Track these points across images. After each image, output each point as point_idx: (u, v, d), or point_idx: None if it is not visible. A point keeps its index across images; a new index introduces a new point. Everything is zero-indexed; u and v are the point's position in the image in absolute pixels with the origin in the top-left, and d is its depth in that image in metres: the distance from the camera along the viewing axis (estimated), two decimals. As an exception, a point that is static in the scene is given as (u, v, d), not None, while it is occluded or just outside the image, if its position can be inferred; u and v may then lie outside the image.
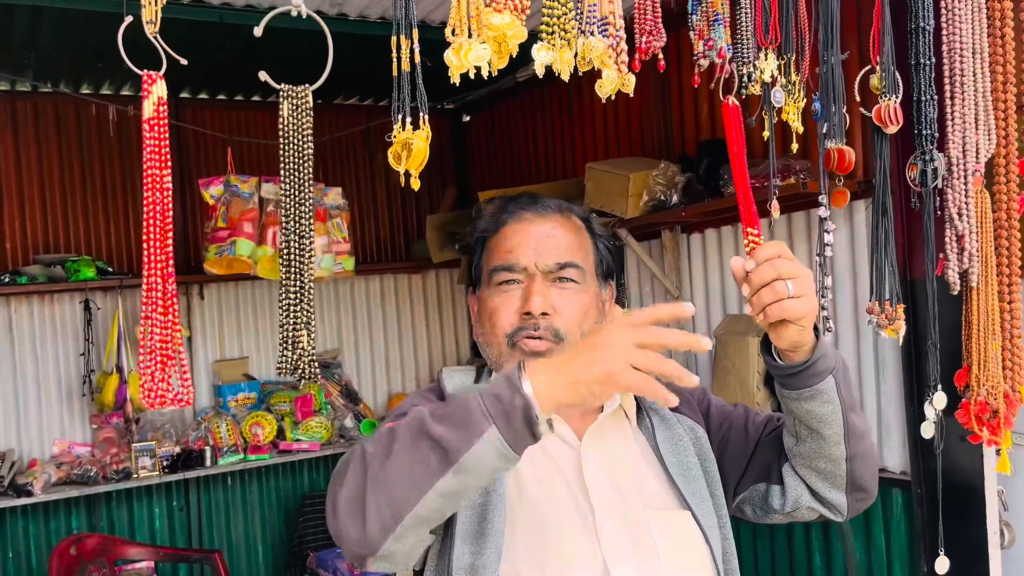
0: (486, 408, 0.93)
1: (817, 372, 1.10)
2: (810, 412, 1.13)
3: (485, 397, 0.94)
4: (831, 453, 1.18)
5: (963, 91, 1.53)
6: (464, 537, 1.11)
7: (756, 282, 1.04)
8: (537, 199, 1.27)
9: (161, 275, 0.94)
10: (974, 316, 1.55)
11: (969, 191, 1.52)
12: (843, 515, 1.26)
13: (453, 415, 0.95)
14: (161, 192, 0.92)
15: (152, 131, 0.92)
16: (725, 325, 3.32)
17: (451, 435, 0.93)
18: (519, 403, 0.92)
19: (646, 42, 1.27)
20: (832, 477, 1.21)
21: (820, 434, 1.16)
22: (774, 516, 1.29)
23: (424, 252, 4.68)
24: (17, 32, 3.41)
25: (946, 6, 1.53)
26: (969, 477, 2.43)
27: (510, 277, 1.22)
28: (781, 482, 1.25)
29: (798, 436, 1.19)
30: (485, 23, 1.09)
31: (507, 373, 0.96)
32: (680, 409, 1.30)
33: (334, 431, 4.53)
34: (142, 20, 1.13)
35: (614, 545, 1.13)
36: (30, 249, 4.22)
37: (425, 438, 0.95)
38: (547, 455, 1.21)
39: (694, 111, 3.62)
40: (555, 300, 1.20)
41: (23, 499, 3.72)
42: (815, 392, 1.11)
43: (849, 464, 1.19)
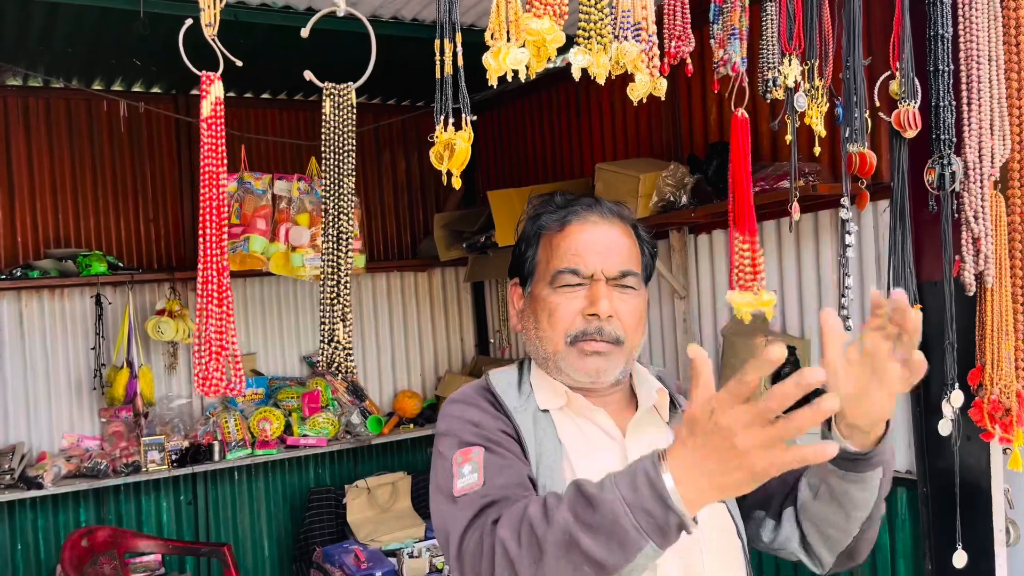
0: (639, 526, 0.90)
1: (874, 464, 1.08)
2: (847, 494, 1.12)
3: (635, 511, 0.90)
4: (847, 528, 1.17)
5: (979, 97, 1.57)
6: None
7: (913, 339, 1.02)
8: (599, 202, 1.29)
9: (216, 269, 0.97)
10: (988, 317, 1.58)
11: (985, 195, 1.56)
12: (823, 570, 1.25)
13: (602, 527, 0.92)
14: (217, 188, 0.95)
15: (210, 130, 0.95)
16: (733, 325, 3.36)
17: (606, 553, 0.91)
18: (674, 521, 0.90)
19: (675, 47, 1.30)
20: (834, 544, 1.20)
21: (846, 513, 1.15)
22: (757, 544, 1.30)
23: (431, 250, 4.71)
24: (34, 28, 3.44)
25: (963, 15, 1.56)
26: (975, 476, 2.47)
27: (576, 280, 1.24)
28: (777, 519, 1.25)
29: (819, 498, 1.17)
30: (524, 28, 1.12)
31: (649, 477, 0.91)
32: None
33: (341, 427, 4.56)
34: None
35: None
36: (41, 244, 4.24)
37: (577, 551, 0.92)
38: (594, 448, 1.24)
39: (703, 113, 3.66)
40: (617, 305, 1.23)
41: (33, 491, 3.75)
42: (861, 479, 1.09)
43: (856, 541, 1.19)
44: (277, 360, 4.76)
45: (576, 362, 1.23)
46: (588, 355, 1.22)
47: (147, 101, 4.35)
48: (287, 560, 4.65)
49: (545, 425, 1.23)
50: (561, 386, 1.27)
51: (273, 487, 4.64)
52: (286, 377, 4.77)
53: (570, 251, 1.25)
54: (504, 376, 1.31)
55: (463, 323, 5.30)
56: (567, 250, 1.25)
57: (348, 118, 1.34)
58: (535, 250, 1.30)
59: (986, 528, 2.42)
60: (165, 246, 4.54)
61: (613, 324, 1.23)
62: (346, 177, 1.34)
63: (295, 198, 3.53)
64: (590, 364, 1.22)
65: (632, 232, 1.31)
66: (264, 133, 4.69)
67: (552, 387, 1.27)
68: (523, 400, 1.26)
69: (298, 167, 4.25)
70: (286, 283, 4.70)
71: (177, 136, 4.55)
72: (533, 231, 1.31)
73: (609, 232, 1.26)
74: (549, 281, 1.26)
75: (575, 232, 1.26)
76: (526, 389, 1.28)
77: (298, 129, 4.86)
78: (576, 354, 1.23)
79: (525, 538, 0.96)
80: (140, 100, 4.33)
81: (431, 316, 5.19)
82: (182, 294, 4.36)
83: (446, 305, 5.25)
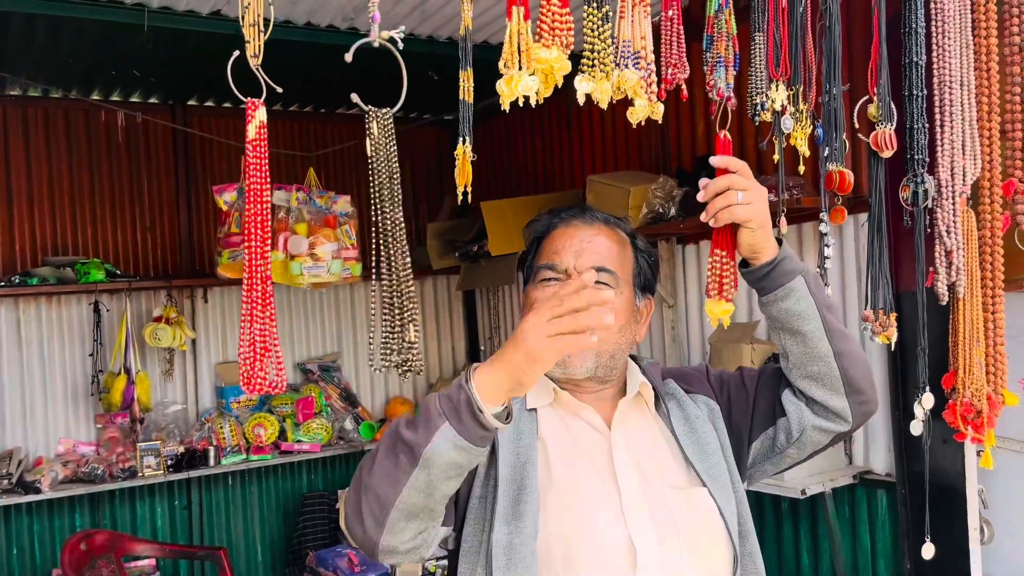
0: (440, 407, 1.08)
1: (785, 272, 1.26)
2: (788, 311, 1.28)
3: (440, 398, 1.10)
4: (819, 351, 1.30)
5: (951, 120, 1.68)
6: (502, 519, 1.23)
7: (711, 190, 1.23)
8: (587, 210, 1.41)
9: (260, 277, 1.06)
10: (960, 325, 1.69)
11: (957, 211, 1.67)
12: (849, 422, 1.35)
13: (418, 418, 1.11)
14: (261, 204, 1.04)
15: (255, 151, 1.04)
16: (719, 333, 3.47)
17: (415, 436, 1.09)
18: (464, 398, 1.07)
19: (671, 74, 1.40)
20: (828, 379, 1.32)
21: (802, 333, 1.29)
22: (788, 455, 1.40)
23: (424, 259, 4.79)
24: (37, 39, 3.50)
25: (937, 43, 1.68)
26: (951, 477, 2.58)
27: (552, 275, 1.35)
28: (784, 413, 1.37)
29: (786, 349, 1.32)
30: (535, 57, 1.22)
31: (461, 374, 1.12)
32: (692, 388, 1.43)
33: (334, 433, 4.63)
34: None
35: (638, 522, 1.25)
36: (39, 251, 4.30)
37: (398, 440, 1.11)
38: (577, 442, 1.33)
39: (691, 127, 3.78)
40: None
41: (31, 496, 3.80)
42: (788, 291, 1.26)
43: (839, 361, 1.31)
44: (271, 367, 4.82)
45: None
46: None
47: (145, 111, 4.42)
48: (281, 564, 4.71)
49: (528, 423, 1.32)
50: (550, 384, 1.36)
51: (267, 492, 4.70)
52: (280, 384, 4.82)
53: (550, 250, 1.37)
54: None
55: (455, 331, 5.38)
56: (549, 249, 1.37)
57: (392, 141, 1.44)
58: (532, 255, 1.42)
59: (961, 527, 2.53)
60: (162, 254, 4.60)
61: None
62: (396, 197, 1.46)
63: (294, 208, 3.61)
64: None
65: (623, 239, 1.40)
66: (260, 143, 4.76)
67: (543, 385, 1.36)
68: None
69: (296, 177, 4.33)
70: (280, 290, 4.77)
71: (174, 146, 4.62)
72: (532, 238, 1.43)
73: (588, 232, 1.37)
74: (534, 279, 1.38)
75: (558, 234, 1.38)
76: None
77: (294, 140, 4.94)
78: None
79: (375, 449, 1.16)
80: (138, 110, 4.40)
81: (423, 324, 5.27)
82: (179, 301, 4.42)
83: (438, 313, 5.33)
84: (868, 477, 3.03)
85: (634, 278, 1.39)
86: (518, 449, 1.29)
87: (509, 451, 1.28)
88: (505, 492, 1.25)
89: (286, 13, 3.36)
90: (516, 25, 1.22)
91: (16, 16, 3.20)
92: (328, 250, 3.59)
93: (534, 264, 1.40)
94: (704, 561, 1.27)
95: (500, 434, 1.29)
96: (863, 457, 3.09)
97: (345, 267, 3.68)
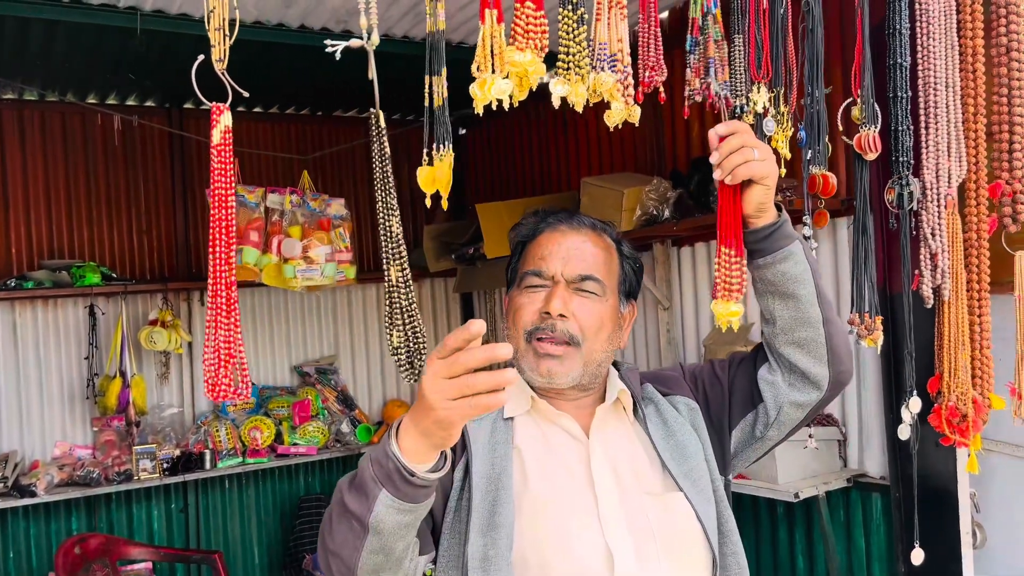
0: (374, 474, 1.07)
1: (785, 235, 1.28)
2: (785, 273, 1.28)
3: (373, 462, 1.07)
4: (809, 316, 1.31)
5: (937, 122, 1.67)
6: (478, 530, 1.22)
7: (727, 148, 1.21)
8: (574, 215, 1.40)
9: (225, 283, 1.06)
10: (946, 328, 1.68)
11: (942, 213, 1.65)
12: (823, 391, 1.35)
13: (358, 484, 1.09)
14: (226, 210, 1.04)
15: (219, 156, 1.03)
16: (714, 335, 3.46)
17: (357, 505, 1.08)
18: (392, 465, 1.05)
19: (649, 76, 1.39)
20: (813, 346, 1.32)
21: (796, 296, 1.29)
22: (769, 438, 1.39)
23: (420, 261, 4.79)
24: (32, 43, 3.51)
25: (922, 44, 1.66)
26: (943, 481, 2.57)
27: (538, 282, 1.33)
28: (760, 395, 1.37)
29: (775, 314, 1.32)
30: (508, 60, 1.21)
31: (385, 437, 1.09)
32: (670, 391, 1.42)
33: (331, 436, 4.63)
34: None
35: (615, 530, 1.24)
36: (35, 255, 4.31)
37: (344, 509, 1.10)
38: (553, 451, 1.32)
39: (685, 129, 3.77)
40: (574, 306, 1.31)
41: (26, 499, 3.80)
42: (788, 253, 1.27)
43: (827, 328, 1.32)
44: (268, 370, 4.82)
45: (532, 362, 1.31)
46: (542, 357, 1.30)
47: (141, 115, 4.43)
48: (277, 567, 4.71)
49: (503, 433, 1.30)
50: (528, 392, 1.34)
51: (264, 495, 4.70)
52: (277, 387, 4.83)
53: (536, 255, 1.35)
54: None
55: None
56: (534, 255, 1.35)
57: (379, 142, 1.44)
58: (516, 259, 1.41)
59: (954, 531, 2.52)
60: (158, 257, 4.61)
61: (567, 324, 1.30)
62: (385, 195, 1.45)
63: (287, 211, 3.62)
64: (543, 366, 1.30)
65: (609, 245, 1.39)
66: (256, 147, 4.77)
67: (522, 393, 1.34)
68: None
69: (290, 180, 4.33)
70: (277, 294, 4.77)
71: (170, 149, 4.63)
72: (516, 242, 1.42)
73: (575, 239, 1.35)
74: (519, 283, 1.36)
75: (545, 239, 1.36)
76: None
77: (289, 143, 4.95)
78: (532, 354, 1.31)
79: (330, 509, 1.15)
80: (134, 113, 4.41)
81: (420, 326, 5.26)
82: (174, 305, 4.42)
83: (435, 315, 5.32)
84: (862, 480, 3.02)
85: (619, 285, 1.39)
86: (493, 459, 1.27)
87: (484, 462, 1.27)
88: (480, 504, 1.23)
89: (279, 16, 3.36)
90: (489, 28, 1.21)
91: (10, 20, 3.21)
92: (322, 253, 3.59)
93: (519, 268, 1.38)
94: (682, 565, 1.26)
95: (475, 444, 1.28)
96: (857, 460, 3.08)
97: (339, 270, 3.68)
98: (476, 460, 1.27)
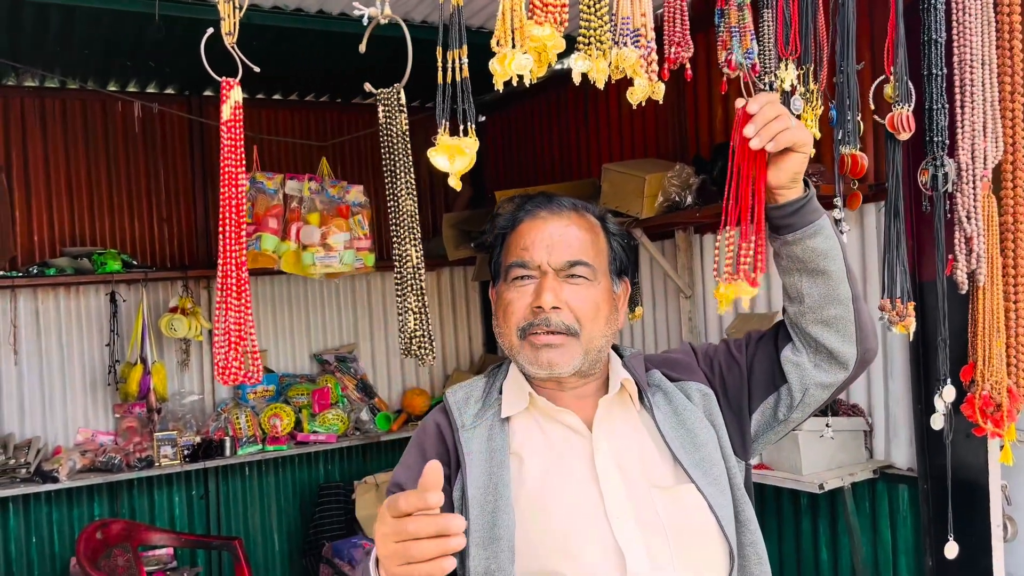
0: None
1: (814, 208, 1.23)
2: (815, 249, 1.23)
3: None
4: (839, 293, 1.25)
5: (972, 100, 1.61)
6: (478, 543, 1.17)
7: (768, 114, 1.16)
8: (552, 198, 1.32)
9: (235, 264, 1.03)
10: (980, 315, 1.62)
11: (977, 195, 1.60)
12: (849, 370, 1.30)
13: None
14: (236, 188, 1.01)
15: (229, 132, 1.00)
16: (737, 324, 3.40)
17: None
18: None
19: (675, 52, 1.35)
20: (843, 324, 1.27)
21: (827, 272, 1.24)
22: (792, 420, 1.34)
23: (440, 249, 4.76)
24: (51, 30, 3.51)
25: (957, 19, 1.60)
26: (974, 473, 2.51)
27: (524, 273, 1.27)
28: (785, 380, 1.31)
29: (803, 292, 1.26)
30: (528, 35, 1.17)
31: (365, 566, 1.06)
32: (680, 376, 1.35)
33: (350, 423, 4.62)
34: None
35: (624, 528, 1.19)
36: (57, 242, 4.32)
37: None
38: (554, 450, 1.26)
39: (708, 114, 3.70)
40: (566, 296, 1.25)
41: (49, 485, 3.82)
42: (818, 228, 1.22)
43: (856, 305, 1.27)
44: (288, 357, 4.82)
45: (530, 355, 1.26)
46: (540, 348, 1.24)
47: (161, 102, 4.43)
48: (297, 554, 4.72)
49: (500, 438, 1.25)
50: (526, 387, 1.29)
51: (283, 482, 4.71)
52: (296, 374, 4.83)
53: (519, 246, 1.28)
54: (464, 391, 1.34)
55: (471, 321, 5.35)
56: (517, 245, 1.29)
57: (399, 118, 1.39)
58: (498, 252, 1.34)
59: (984, 524, 2.46)
60: (178, 245, 4.61)
61: (562, 315, 1.24)
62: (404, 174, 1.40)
63: (306, 198, 3.59)
64: (543, 357, 1.25)
65: (593, 225, 1.32)
66: (275, 133, 4.76)
67: (520, 390, 1.29)
68: (483, 412, 1.29)
69: (309, 167, 4.32)
70: (296, 281, 4.77)
71: (190, 136, 4.62)
72: (495, 234, 1.35)
73: (557, 224, 1.28)
74: (505, 277, 1.30)
75: (525, 228, 1.29)
76: (493, 397, 1.31)
77: (308, 129, 4.93)
78: (529, 348, 1.26)
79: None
80: (154, 101, 4.41)
81: (439, 314, 5.25)
82: (195, 292, 4.43)
83: (454, 304, 5.30)
84: (889, 472, 2.96)
85: (610, 265, 1.32)
86: (490, 468, 1.22)
87: (480, 472, 1.22)
88: (478, 516, 1.19)
89: (297, 1, 3.34)
90: (509, 2, 1.17)
91: (29, 5, 3.21)
92: (340, 240, 3.57)
93: (502, 261, 1.32)
94: (695, 560, 1.20)
95: (469, 456, 1.24)
96: (884, 451, 3.02)
97: (358, 257, 3.65)
98: (471, 471, 1.22)
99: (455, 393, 1.34)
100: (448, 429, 1.29)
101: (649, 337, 4.10)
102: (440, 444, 1.28)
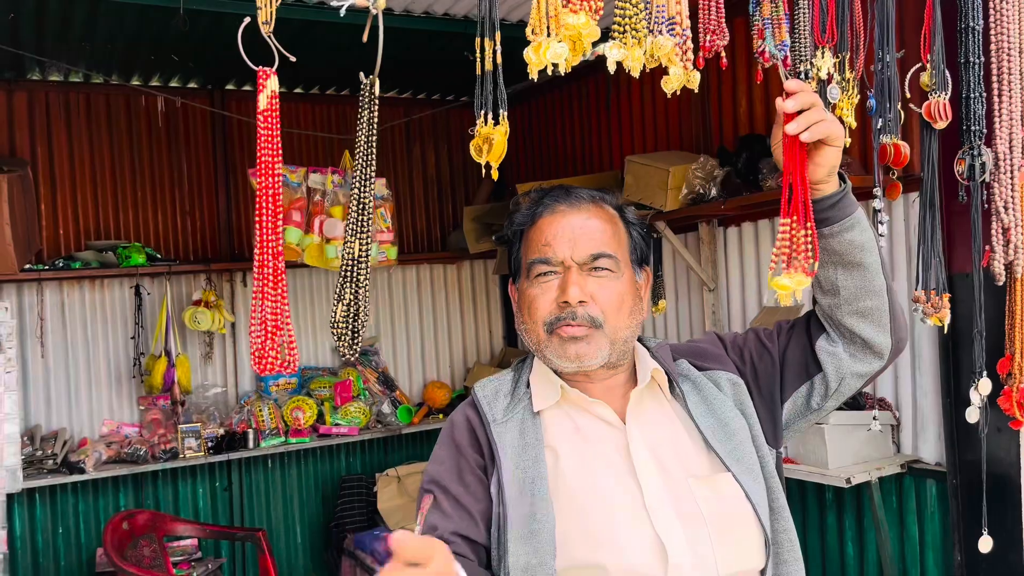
0: None
1: (851, 201, 1.23)
2: (852, 242, 1.22)
3: None
4: (875, 285, 1.25)
5: (1010, 89, 1.58)
6: (517, 539, 1.16)
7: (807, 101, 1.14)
8: (570, 191, 1.31)
9: (272, 254, 1.02)
10: (1017, 306, 1.60)
11: (1015, 185, 1.57)
12: (884, 359, 1.30)
13: None
14: (273, 177, 1.00)
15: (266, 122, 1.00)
16: (762, 317, 3.38)
17: None
18: None
19: (710, 41, 1.33)
20: (878, 315, 1.27)
21: (863, 265, 1.24)
22: (825, 409, 1.34)
23: (461, 242, 4.76)
24: (76, 24, 3.53)
25: (995, 6, 1.57)
26: (1005, 467, 2.47)
27: (547, 269, 1.26)
28: (820, 368, 1.31)
29: (839, 284, 1.26)
30: (562, 23, 1.16)
31: None
32: (709, 365, 1.34)
33: (372, 416, 4.64)
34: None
35: (664, 519, 1.18)
36: (82, 235, 4.36)
37: None
38: (589, 442, 1.25)
39: (732, 106, 3.67)
40: (591, 289, 1.25)
41: (76, 476, 3.87)
42: (855, 221, 1.22)
43: (890, 296, 1.27)
44: (310, 350, 4.84)
45: (558, 349, 1.25)
46: (567, 340, 1.24)
47: (184, 96, 4.45)
48: (319, 545, 4.74)
49: (533, 432, 1.25)
50: (557, 381, 1.28)
51: (306, 474, 4.73)
52: (319, 367, 4.85)
53: (540, 242, 1.27)
54: (492, 385, 1.33)
55: (492, 315, 5.35)
56: (538, 241, 1.27)
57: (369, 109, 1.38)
58: (518, 248, 1.33)
59: (1014, 518, 2.43)
60: (201, 238, 4.64)
61: (588, 308, 1.24)
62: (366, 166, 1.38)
63: (329, 191, 3.60)
64: (571, 349, 1.24)
65: (612, 216, 1.31)
66: (298, 127, 4.77)
67: (549, 383, 1.29)
68: (514, 406, 1.28)
69: (331, 160, 4.33)
70: (319, 274, 4.78)
71: (213, 130, 4.64)
72: (513, 231, 1.34)
73: (578, 218, 1.27)
74: (527, 274, 1.29)
75: (545, 223, 1.28)
76: (521, 391, 1.31)
77: (330, 123, 4.94)
78: (557, 342, 1.25)
79: None
80: (177, 95, 4.43)
81: (460, 308, 5.25)
82: (217, 285, 4.45)
83: (475, 297, 5.30)
84: (916, 466, 2.93)
85: (631, 255, 1.31)
86: (525, 463, 1.22)
87: (516, 467, 1.21)
88: (516, 511, 1.18)
89: (320, -6, 3.34)
90: (544, -11, 1.16)
91: (54, 0, 3.23)
92: (363, 233, 3.57)
93: (522, 258, 1.31)
94: (736, 549, 1.20)
95: (503, 451, 1.23)
96: (911, 446, 2.99)
97: (380, 250, 3.66)
98: (506, 467, 1.21)
99: (484, 388, 1.33)
100: (479, 424, 1.28)
101: (672, 330, 4.08)
102: (472, 438, 1.28)
